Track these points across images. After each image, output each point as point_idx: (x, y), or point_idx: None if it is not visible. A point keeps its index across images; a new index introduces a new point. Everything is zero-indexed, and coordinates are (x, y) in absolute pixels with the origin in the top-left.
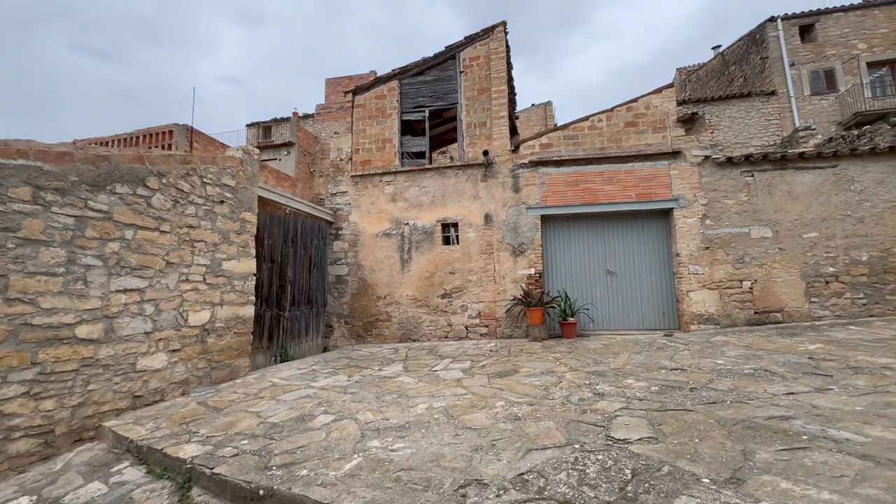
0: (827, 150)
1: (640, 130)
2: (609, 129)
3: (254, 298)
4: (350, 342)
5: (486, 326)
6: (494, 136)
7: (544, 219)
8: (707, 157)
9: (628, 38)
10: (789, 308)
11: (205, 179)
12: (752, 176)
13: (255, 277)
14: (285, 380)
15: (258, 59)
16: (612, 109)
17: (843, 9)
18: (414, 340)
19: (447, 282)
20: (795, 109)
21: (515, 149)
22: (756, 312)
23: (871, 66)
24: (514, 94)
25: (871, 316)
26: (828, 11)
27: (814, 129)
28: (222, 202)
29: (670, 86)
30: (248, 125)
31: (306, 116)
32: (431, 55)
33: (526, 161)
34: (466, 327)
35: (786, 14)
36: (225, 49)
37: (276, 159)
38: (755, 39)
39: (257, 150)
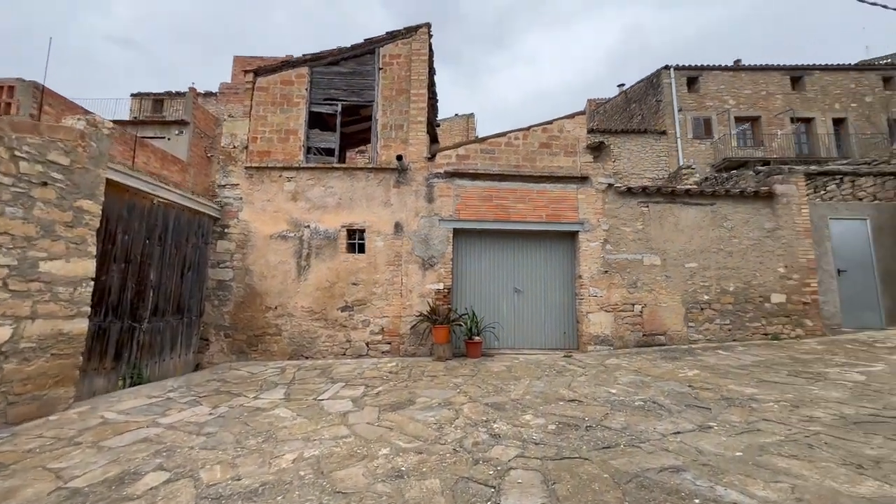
0: (708, 189)
1: (553, 152)
2: (525, 148)
3: (88, 309)
4: (229, 358)
5: (389, 343)
6: (411, 141)
7: (457, 232)
8: (610, 185)
9: (547, 66)
10: (671, 332)
11: (17, 153)
12: (648, 207)
13: (92, 282)
14: (125, 414)
15: (164, 25)
16: (528, 128)
17: (719, 68)
18: (307, 357)
19: (349, 293)
20: (681, 149)
21: (432, 157)
22: (644, 335)
23: (738, 120)
24: (436, 101)
25: (734, 340)
26: (708, 68)
27: (694, 169)
28: (45, 184)
29: (582, 113)
30: (133, 95)
31: (209, 94)
32: (349, 45)
33: (442, 171)
34: (367, 344)
35: (677, 65)
36: (119, 4)
37: (164, 138)
38: (652, 83)
39: (109, 123)
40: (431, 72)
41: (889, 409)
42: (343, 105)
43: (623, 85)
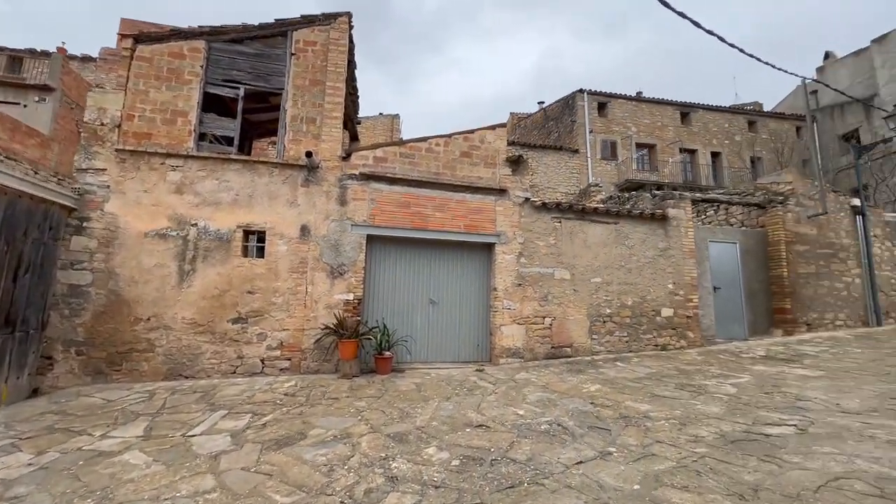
0: (613, 209)
1: (473, 162)
2: (445, 155)
3: None
4: (82, 381)
5: (289, 360)
6: (324, 137)
7: (370, 239)
8: (527, 199)
9: (478, 75)
10: (577, 344)
11: None
12: (560, 222)
13: None
14: None
15: None
16: (450, 136)
17: (625, 97)
18: (187, 377)
19: (243, 303)
20: (590, 168)
21: (347, 156)
22: (553, 347)
23: (639, 146)
24: (357, 97)
25: (630, 352)
26: (615, 96)
27: (601, 187)
28: None
29: (503, 125)
30: None
31: (87, 59)
32: (256, 24)
33: (357, 172)
34: (263, 360)
35: (590, 90)
36: None
37: (20, 104)
38: (568, 104)
39: None
40: (352, 65)
41: (757, 423)
42: (247, 90)
43: (543, 103)
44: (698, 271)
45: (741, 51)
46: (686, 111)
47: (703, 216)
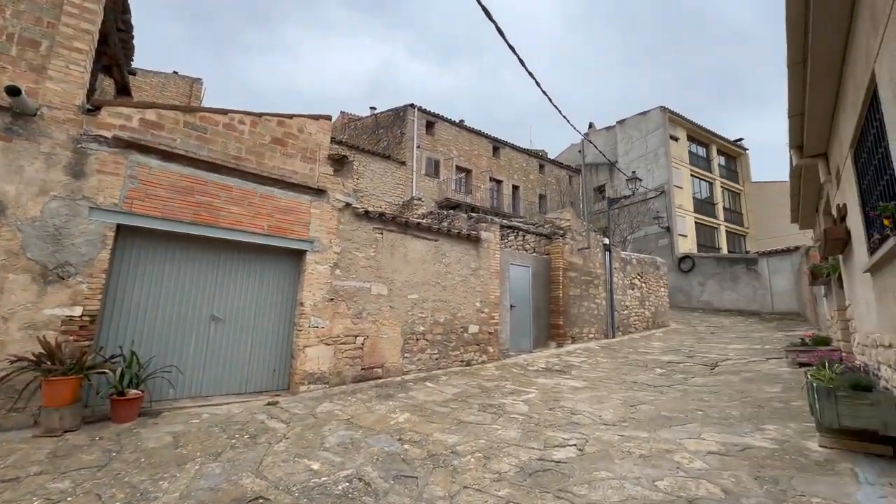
0: (435, 226)
1: (288, 153)
2: (252, 138)
3: None
4: None
5: None
6: (53, 73)
7: (124, 231)
8: (348, 205)
9: (306, 64)
10: (388, 364)
11: None
12: (382, 234)
13: None
14: None
15: None
16: (260, 115)
17: (449, 121)
18: None
19: None
20: (415, 182)
21: (95, 109)
22: (363, 368)
23: (458, 168)
24: (130, 35)
25: (439, 369)
26: (442, 118)
27: (423, 201)
28: None
29: (329, 118)
30: None
31: None
32: None
33: (110, 135)
34: None
35: (420, 107)
36: None
37: None
38: (399, 116)
39: None
40: None
41: (548, 447)
42: None
43: (375, 108)
44: (501, 290)
45: (550, 100)
46: (497, 146)
47: (506, 241)
